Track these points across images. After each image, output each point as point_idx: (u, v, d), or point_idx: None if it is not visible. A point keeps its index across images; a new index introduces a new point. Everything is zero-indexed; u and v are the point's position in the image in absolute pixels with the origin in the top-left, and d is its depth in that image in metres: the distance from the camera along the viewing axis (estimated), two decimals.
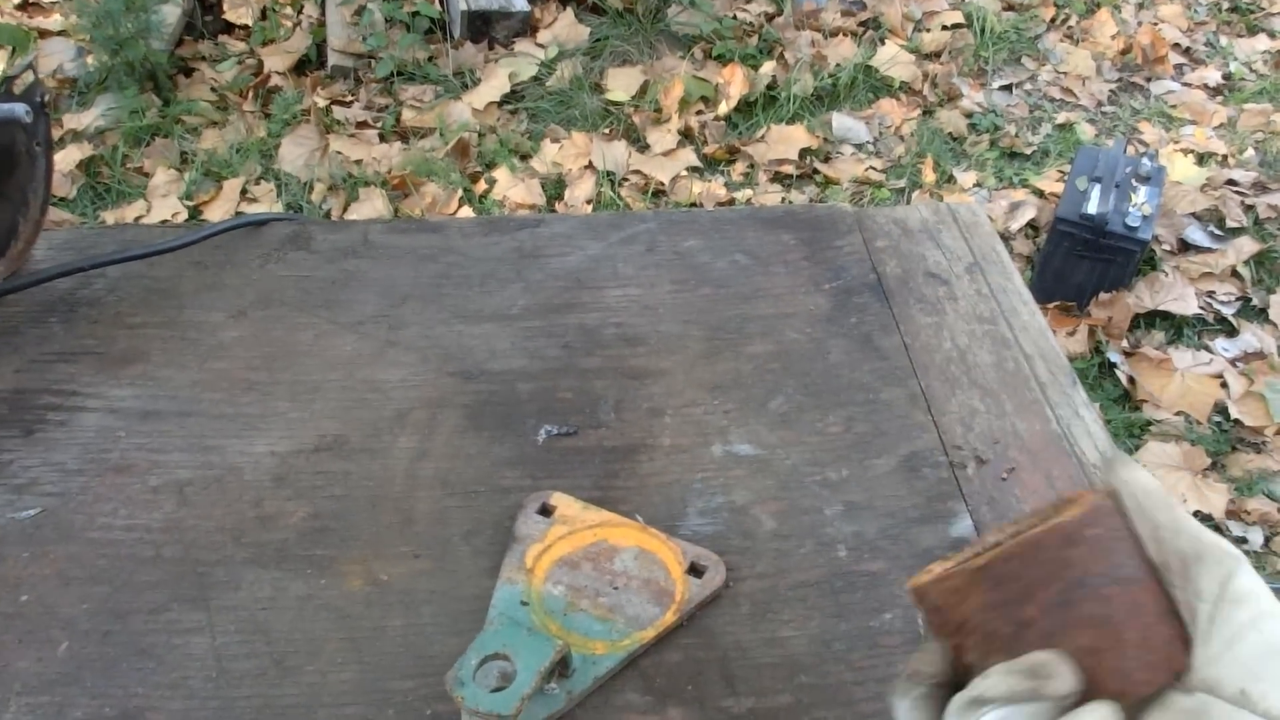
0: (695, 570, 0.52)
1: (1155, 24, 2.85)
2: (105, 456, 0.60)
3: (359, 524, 0.56)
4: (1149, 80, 2.70)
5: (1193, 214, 2.21)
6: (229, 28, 2.64)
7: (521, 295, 0.72)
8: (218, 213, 2.16)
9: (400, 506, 0.57)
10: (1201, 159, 2.39)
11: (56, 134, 2.29)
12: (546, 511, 0.56)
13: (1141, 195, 1.99)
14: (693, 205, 2.23)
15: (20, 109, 0.62)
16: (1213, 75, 2.70)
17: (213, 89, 2.46)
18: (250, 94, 2.45)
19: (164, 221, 2.14)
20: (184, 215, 2.16)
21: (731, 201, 2.26)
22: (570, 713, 0.47)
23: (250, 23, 2.61)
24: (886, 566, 0.54)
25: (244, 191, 2.22)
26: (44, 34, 2.53)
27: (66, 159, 2.23)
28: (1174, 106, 2.60)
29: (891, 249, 0.77)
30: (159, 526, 0.56)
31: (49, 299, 0.71)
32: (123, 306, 0.71)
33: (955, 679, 0.34)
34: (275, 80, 2.49)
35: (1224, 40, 2.84)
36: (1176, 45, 2.80)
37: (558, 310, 0.71)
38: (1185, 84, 2.69)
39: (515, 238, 0.78)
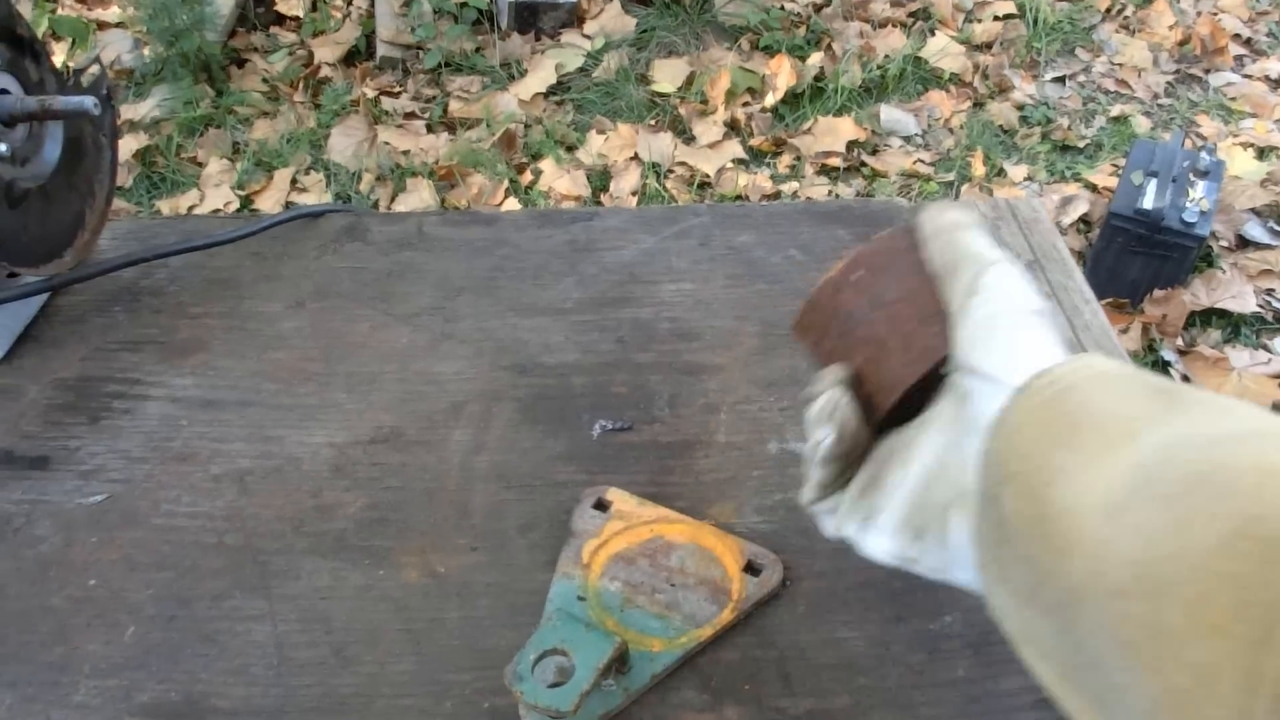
0: (752, 569, 0.52)
1: (1215, 14, 2.79)
2: (168, 445, 0.61)
3: (415, 516, 0.57)
4: (1208, 72, 2.64)
5: (1252, 210, 2.16)
6: (280, 19, 2.67)
7: (575, 288, 0.72)
8: (268, 202, 2.19)
9: (456, 499, 0.58)
10: (1262, 153, 2.34)
11: None
12: (602, 506, 0.56)
13: (1199, 190, 1.95)
14: (738, 198, 2.22)
15: (89, 102, 0.63)
16: (1275, 67, 2.64)
17: (264, 80, 2.49)
18: (300, 85, 2.48)
19: (216, 211, 2.18)
20: (235, 205, 2.19)
21: (777, 194, 2.25)
22: (627, 710, 0.47)
23: (301, 14, 2.64)
24: None
25: (294, 181, 2.25)
26: (102, 26, 2.58)
27: (123, 149, 2.27)
28: (1234, 99, 2.54)
29: None
30: (221, 514, 0.57)
31: (113, 288, 0.72)
32: (184, 296, 0.72)
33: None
34: (325, 71, 2.51)
35: None
36: (1237, 36, 2.73)
37: (611, 304, 0.71)
38: (1246, 76, 2.62)
39: (568, 230, 0.78)
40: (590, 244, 0.76)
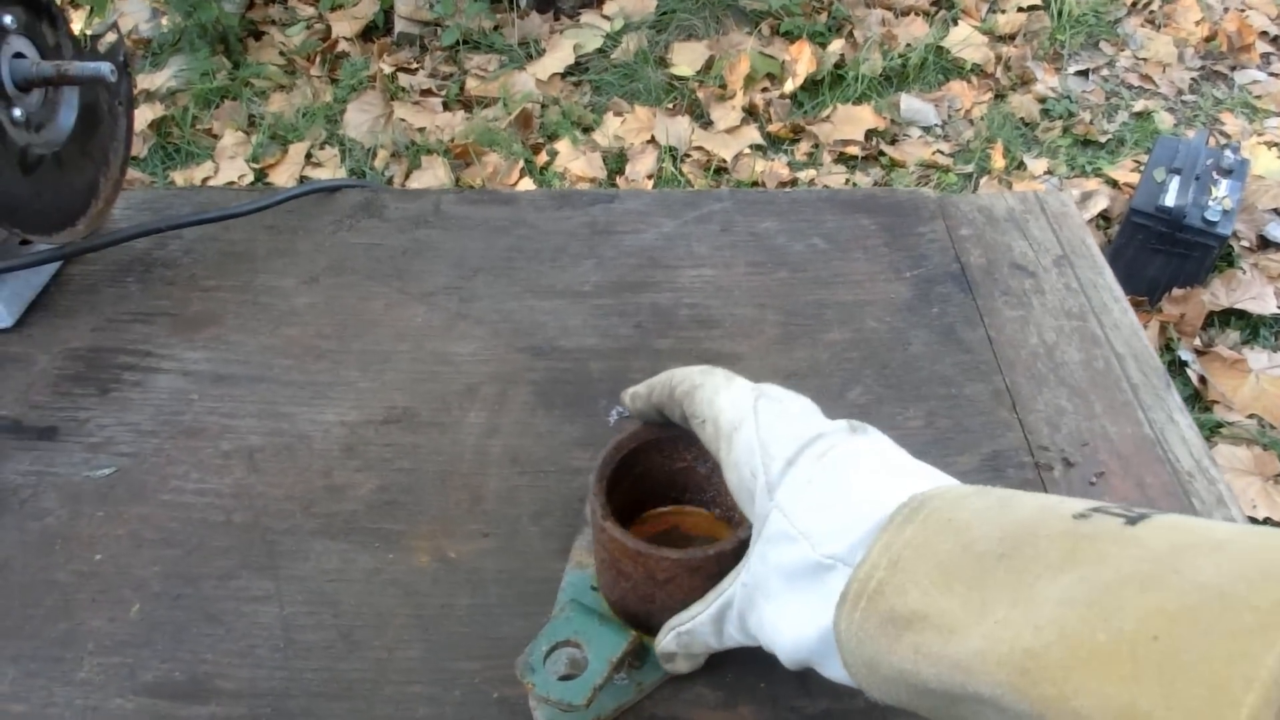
0: None
1: (1242, 10, 2.75)
2: (178, 419, 0.60)
3: (427, 499, 0.56)
4: (1233, 69, 2.61)
5: (1275, 210, 2.13)
6: None
7: (594, 272, 0.71)
8: (283, 176, 2.18)
9: (469, 483, 0.57)
10: None
11: None
12: None
13: (1222, 189, 1.92)
14: (754, 184, 2.20)
15: (105, 68, 0.62)
16: None
17: (281, 53, 2.48)
18: (317, 59, 2.46)
19: (230, 184, 2.17)
20: (250, 178, 2.18)
21: (794, 181, 2.23)
22: (639, 704, 0.46)
23: None
24: None
25: (309, 156, 2.24)
26: None
27: (139, 119, 2.27)
28: (1259, 97, 2.51)
29: (975, 238, 0.74)
30: (229, 492, 0.56)
31: (126, 259, 0.71)
32: (197, 269, 0.71)
33: None
34: (342, 46, 2.49)
35: None
36: (1264, 33, 2.69)
37: (631, 289, 0.70)
38: (1272, 74, 2.59)
39: (588, 213, 0.77)
40: (610, 226, 0.75)
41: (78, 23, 2.42)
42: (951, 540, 0.32)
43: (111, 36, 0.70)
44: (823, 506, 0.37)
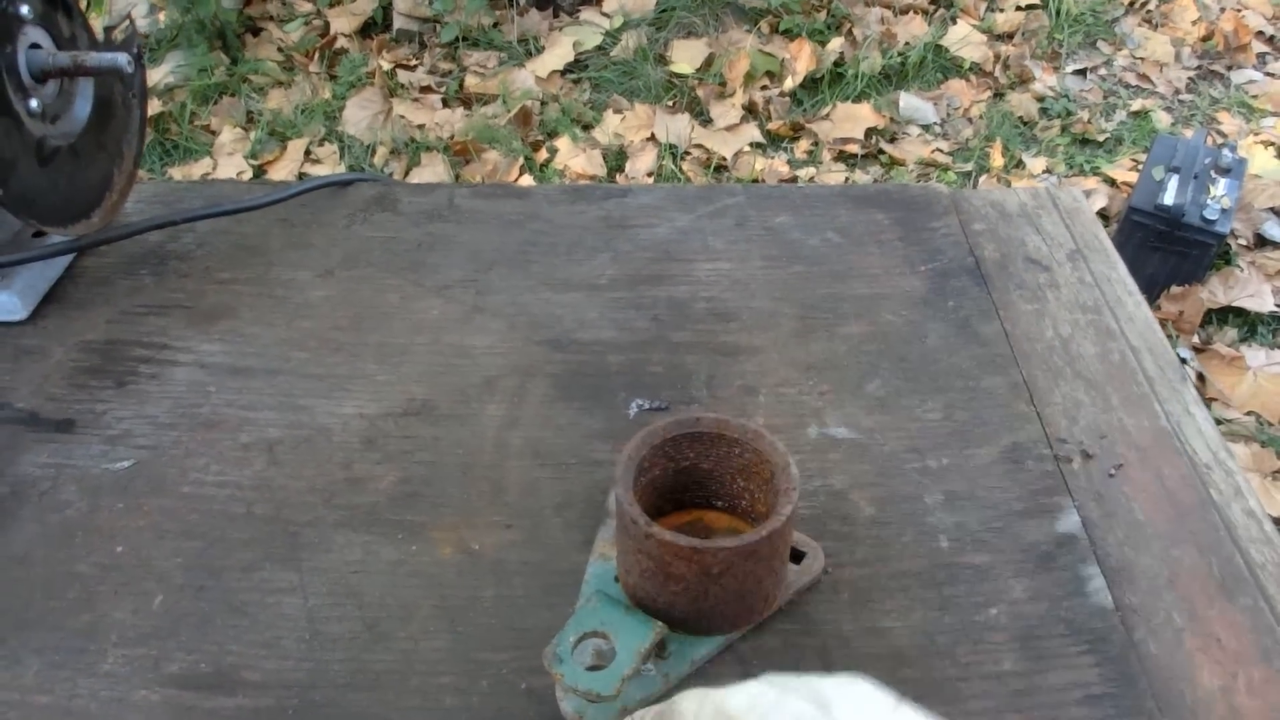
0: (794, 556, 0.51)
1: (1239, 10, 2.76)
2: (196, 411, 0.60)
3: (449, 491, 0.56)
4: (1230, 69, 2.62)
5: (1271, 209, 2.14)
6: None
7: (609, 265, 0.71)
8: (282, 173, 2.17)
9: (490, 475, 0.57)
10: None
11: None
12: None
13: (1221, 187, 1.93)
14: (755, 182, 2.20)
15: (122, 59, 0.61)
16: None
17: (280, 49, 2.47)
18: (316, 55, 2.46)
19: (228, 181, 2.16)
20: (249, 174, 2.17)
21: (794, 179, 2.23)
22: (664, 696, 0.46)
23: None
24: (990, 560, 0.52)
25: (307, 153, 2.23)
26: None
27: None
28: (1255, 97, 2.52)
29: (989, 232, 0.74)
30: (250, 484, 0.56)
31: (140, 251, 0.71)
32: (211, 261, 0.71)
33: None
34: (341, 42, 2.49)
35: None
36: (1260, 33, 2.70)
37: (646, 282, 0.70)
38: (1268, 74, 2.60)
39: (602, 207, 0.77)
40: (624, 220, 0.75)
41: None
42: None
43: (126, 27, 0.69)
44: None
